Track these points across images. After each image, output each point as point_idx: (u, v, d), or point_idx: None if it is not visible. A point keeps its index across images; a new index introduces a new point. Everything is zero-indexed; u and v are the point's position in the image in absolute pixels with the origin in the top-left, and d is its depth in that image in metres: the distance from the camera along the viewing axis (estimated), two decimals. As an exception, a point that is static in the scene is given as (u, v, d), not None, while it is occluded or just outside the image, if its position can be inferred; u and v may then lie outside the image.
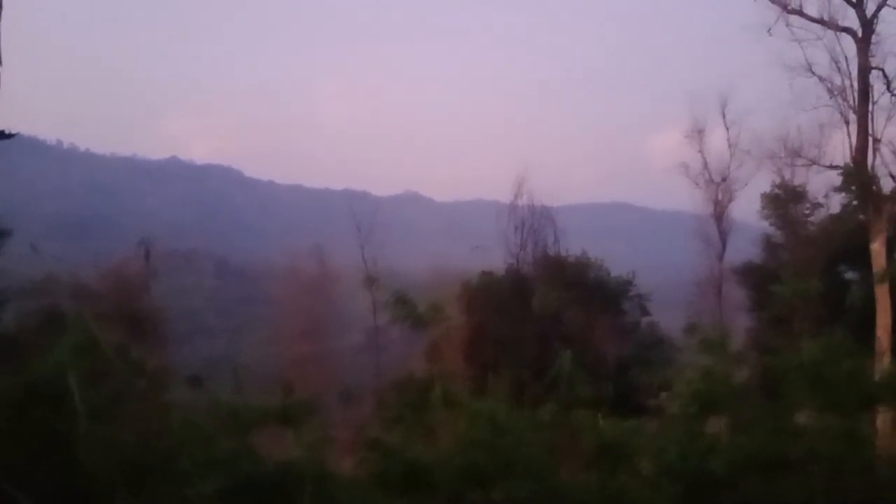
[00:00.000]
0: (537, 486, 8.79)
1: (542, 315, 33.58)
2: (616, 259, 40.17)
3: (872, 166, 22.94)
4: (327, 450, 11.76)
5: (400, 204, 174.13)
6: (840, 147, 24.14)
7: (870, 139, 22.74)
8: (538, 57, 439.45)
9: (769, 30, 23.68)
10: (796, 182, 31.43)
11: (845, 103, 23.28)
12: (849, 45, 22.95)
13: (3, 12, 9.80)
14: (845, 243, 28.05)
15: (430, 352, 30.12)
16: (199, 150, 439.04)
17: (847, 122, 23.35)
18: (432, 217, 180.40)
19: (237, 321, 74.74)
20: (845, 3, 22.72)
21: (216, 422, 12.06)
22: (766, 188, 32.53)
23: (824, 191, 30.98)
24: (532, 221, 37.39)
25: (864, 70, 22.64)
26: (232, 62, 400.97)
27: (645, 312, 37.90)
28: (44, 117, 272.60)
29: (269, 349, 40.09)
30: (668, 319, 36.73)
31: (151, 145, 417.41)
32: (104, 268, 34.09)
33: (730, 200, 34.58)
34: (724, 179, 34.57)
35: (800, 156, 26.84)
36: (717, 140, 35.88)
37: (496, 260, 37.24)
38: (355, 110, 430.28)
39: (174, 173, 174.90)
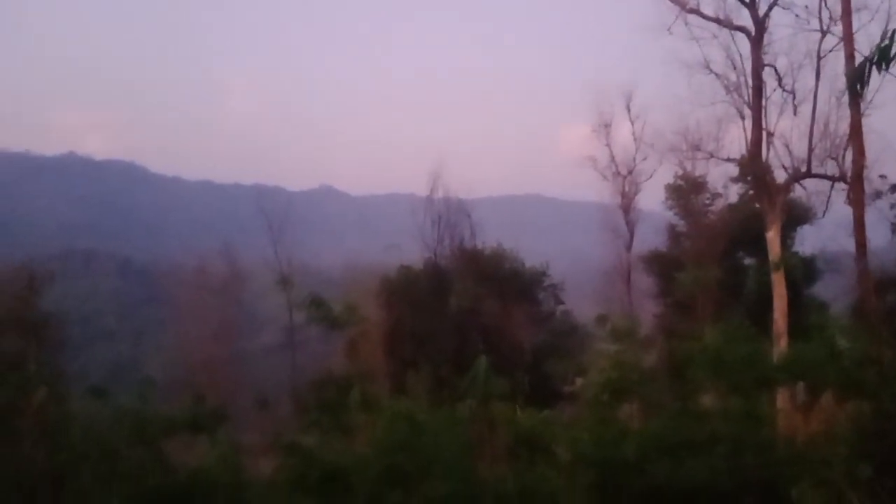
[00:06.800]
0: (456, 484, 8.82)
1: (460, 308, 33.74)
2: (530, 250, 40.82)
3: (766, 158, 23.96)
4: (241, 456, 11.44)
5: (314, 199, 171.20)
6: (736, 140, 25.12)
7: (763, 133, 23.74)
8: (452, 52, 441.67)
9: (669, 28, 24.35)
10: (697, 174, 32.71)
11: (740, 99, 24.18)
12: (743, 44, 23.87)
13: None
14: (743, 231, 29.36)
15: (349, 349, 29.77)
16: (99, 145, 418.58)
17: (742, 117, 24.27)
18: (347, 211, 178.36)
19: (141, 324, 71.50)
20: (740, 3, 23.62)
21: (122, 433, 11.52)
22: (670, 179, 33.73)
23: (723, 181, 32.39)
24: (448, 215, 37.42)
25: (757, 67, 23.60)
26: (133, 53, 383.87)
27: (558, 301, 38.73)
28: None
29: (177, 353, 38.56)
30: (581, 307, 37.67)
31: (45, 141, 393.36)
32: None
33: (636, 192, 35.71)
34: (629, 172, 35.65)
35: (699, 149, 27.82)
36: (622, 134, 36.91)
37: (412, 254, 37.10)
38: (266, 104, 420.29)
39: (71, 170, 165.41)
